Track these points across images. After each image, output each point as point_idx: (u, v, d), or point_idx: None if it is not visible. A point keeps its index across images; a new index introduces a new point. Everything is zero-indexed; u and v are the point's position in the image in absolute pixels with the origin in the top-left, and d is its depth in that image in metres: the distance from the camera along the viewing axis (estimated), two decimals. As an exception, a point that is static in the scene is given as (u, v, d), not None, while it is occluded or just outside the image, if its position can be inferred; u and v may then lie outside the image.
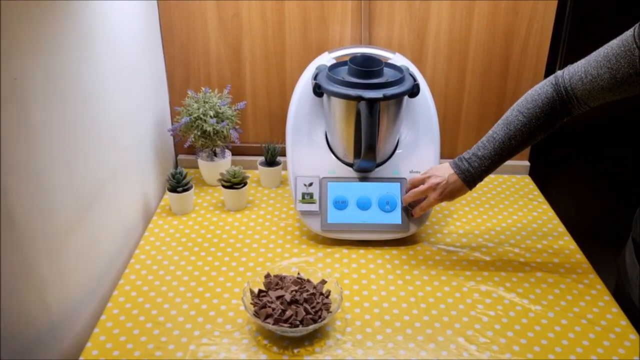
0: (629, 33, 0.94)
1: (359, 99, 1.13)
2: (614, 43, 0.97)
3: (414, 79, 1.21)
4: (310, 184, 1.24)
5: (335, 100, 1.19)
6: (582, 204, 1.75)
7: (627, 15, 1.51)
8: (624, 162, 1.69)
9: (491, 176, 1.54)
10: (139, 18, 1.29)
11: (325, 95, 1.21)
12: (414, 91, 1.20)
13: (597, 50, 1.00)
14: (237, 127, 1.43)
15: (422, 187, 1.17)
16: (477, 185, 1.14)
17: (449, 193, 1.14)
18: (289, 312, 0.96)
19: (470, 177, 1.12)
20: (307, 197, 1.24)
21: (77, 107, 0.98)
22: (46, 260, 0.90)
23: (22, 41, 0.80)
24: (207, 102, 1.38)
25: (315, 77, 1.22)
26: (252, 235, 1.27)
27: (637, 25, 0.93)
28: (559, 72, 1.06)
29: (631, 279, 1.09)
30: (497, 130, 1.10)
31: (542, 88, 1.07)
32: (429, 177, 1.16)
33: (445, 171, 1.14)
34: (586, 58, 1.02)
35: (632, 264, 1.09)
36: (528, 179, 1.56)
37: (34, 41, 0.83)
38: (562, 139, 1.67)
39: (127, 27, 1.22)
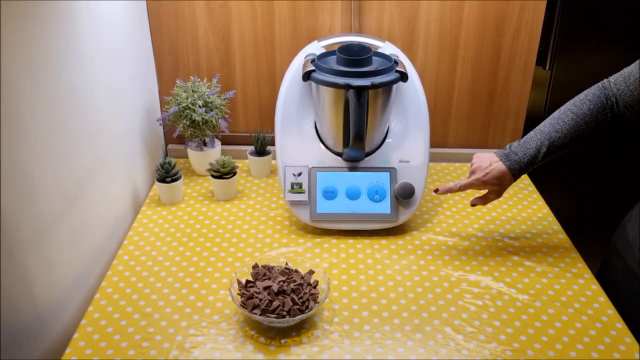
0: None
1: (347, 87, 1.13)
2: None
3: (396, 63, 1.19)
4: (299, 174, 1.24)
5: (323, 89, 1.19)
6: (573, 194, 1.75)
7: (619, 2, 1.51)
8: (617, 154, 1.69)
9: (482, 165, 1.54)
10: (127, 8, 1.28)
11: (314, 85, 1.21)
12: (402, 80, 1.19)
13: None
14: (226, 116, 1.43)
15: (464, 181, 1.14)
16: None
17: (493, 176, 1.10)
18: (276, 303, 0.96)
19: (515, 164, 1.09)
20: (296, 187, 1.23)
21: (63, 97, 0.97)
22: (32, 252, 0.89)
23: (7, 31, 0.79)
24: (195, 92, 1.37)
25: (312, 61, 1.21)
26: (241, 226, 1.27)
27: None
28: (605, 79, 1.07)
29: None
30: (544, 124, 1.09)
31: (589, 91, 1.08)
32: (471, 166, 1.15)
33: (488, 158, 1.12)
34: (633, 64, 1.03)
35: None
36: (519, 168, 1.55)
37: (19, 32, 0.82)
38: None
39: (114, 16, 1.20)
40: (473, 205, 1.17)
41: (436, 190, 1.17)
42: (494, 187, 1.12)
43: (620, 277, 1.13)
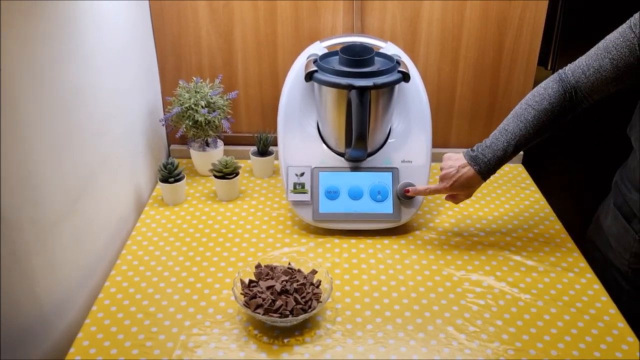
0: (625, 25, 0.98)
1: (350, 87, 1.13)
2: (612, 36, 1.00)
3: (398, 63, 1.20)
4: (302, 174, 1.24)
5: (326, 90, 1.19)
6: (574, 194, 1.75)
7: (620, 2, 1.50)
8: (618, 154, 1.69)
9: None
10: (130, 8, 1.28)
11: (316, 85, 1.21)
12: (404, 80, 1.19)
13: (595, 46, 1.03)
14: (229, 117, 1.43)
15: (432, 186, 1.17)
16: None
17: (460, 184, 1.12)
18: (279, 302, 0.97)
19: (484, 166, 1.10)
20: (298, 187, 1.24)
21: (65, 97, 0.97)
22: (36, 251, 0.90)
23: (9, 31, 0.79)
24: (198, 92, 1.37)
25: (314, 62, 1.21)
26: (243, 226, 1.27)
27: (633, 17, 0.97)
28: (560, 70, 1.08)
29: (619, 245, 1.11)
30: (508, 123, 1.10)
31: (547, 84, 1.08)
32: (441, 170, 1.16)
33: (456, 161, 1.13)
34: (585, 54, 1.05)
35: (621, 231, 1.11)
36: (521, 168, 1.56)
37: (21, 31, 0.83)
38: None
39: (117, 16, 1.21)
40: (448, 200, 1.21)
41: (407, 191, 1.21)
42: (462, 192, 1.15)
43: (598, 268, 1.15)
